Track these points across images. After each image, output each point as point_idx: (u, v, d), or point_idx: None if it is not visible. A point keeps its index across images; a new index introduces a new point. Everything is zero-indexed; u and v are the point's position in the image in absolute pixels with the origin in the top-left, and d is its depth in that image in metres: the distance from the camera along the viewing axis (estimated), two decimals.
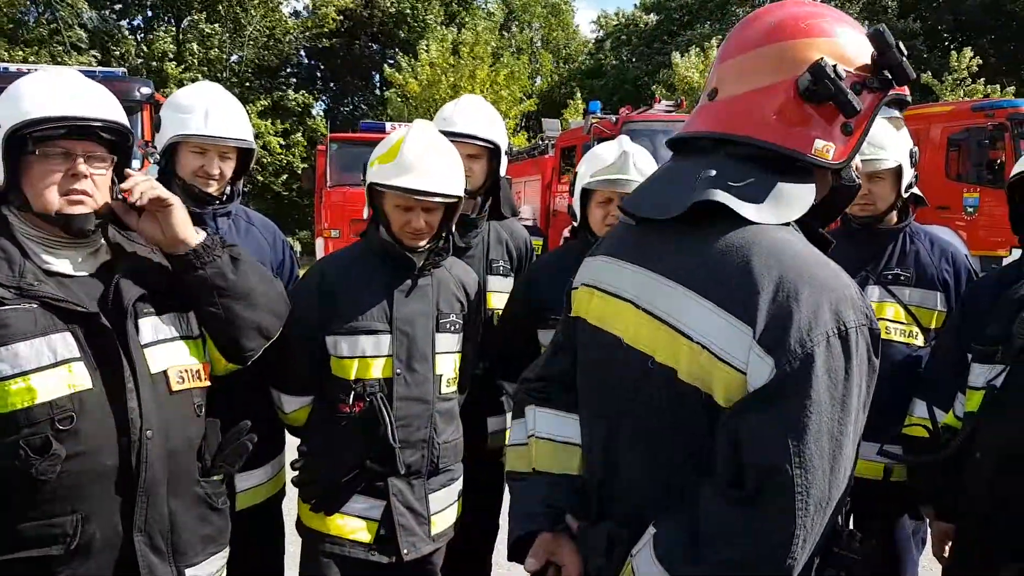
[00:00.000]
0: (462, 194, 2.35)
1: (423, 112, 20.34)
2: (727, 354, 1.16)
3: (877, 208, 2.67)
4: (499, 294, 2.92)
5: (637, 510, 1.32)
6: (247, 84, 28.38)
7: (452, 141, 2.45)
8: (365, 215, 2.45)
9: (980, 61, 21.21)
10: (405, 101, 22.76)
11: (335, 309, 2.29)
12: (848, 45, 1.28)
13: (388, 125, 13.50)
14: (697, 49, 23.25)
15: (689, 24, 32.52)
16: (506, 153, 2.98)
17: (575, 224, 2.75)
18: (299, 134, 29.01)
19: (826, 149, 1.26)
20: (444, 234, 2.39)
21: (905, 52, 1.27)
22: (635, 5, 36.87)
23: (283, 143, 27.98)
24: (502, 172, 2.98)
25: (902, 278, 2.65)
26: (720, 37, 24.88)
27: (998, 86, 20.39)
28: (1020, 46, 27.28)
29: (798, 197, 1.27)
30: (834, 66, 1.24)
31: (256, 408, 2.24)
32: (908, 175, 2.66)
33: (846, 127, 1.26)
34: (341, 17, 30.12)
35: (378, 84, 35.35)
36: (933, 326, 2.62)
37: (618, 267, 1.42)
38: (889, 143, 2.63)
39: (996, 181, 10.14)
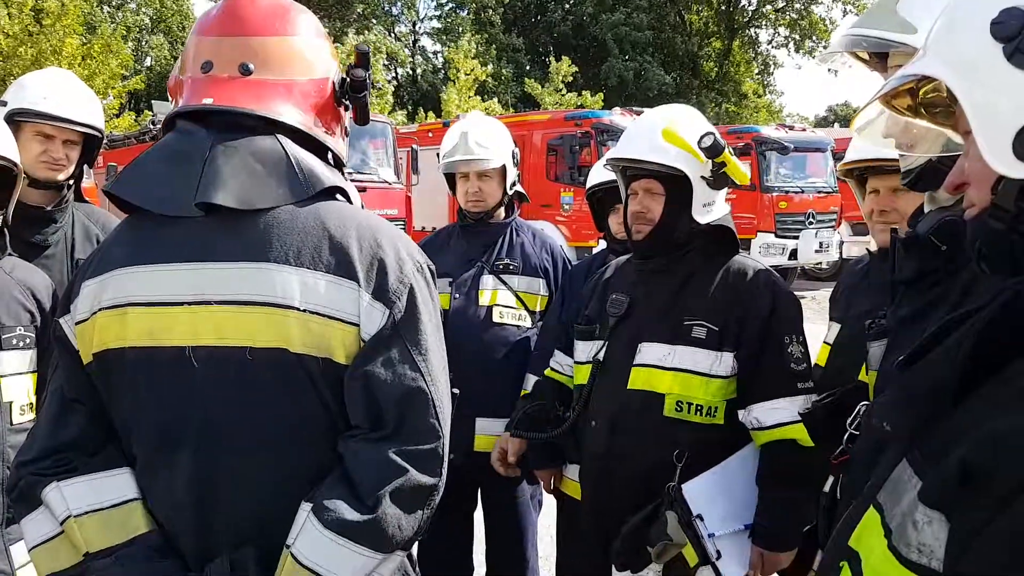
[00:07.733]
0: (17, 161, 2.01)
1: None
2: (340, 312, 1.23)
3: (487, 204, 2.91)
4: None
5: (260, 512, 1.26)
6: None
7: (52, 124, 2.35)
8: None
9: (576, 69, 24.39)
10: None
11: None
12: None
13: None
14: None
15: None
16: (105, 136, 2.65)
17: None
18: None
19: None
20: None
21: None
22: None
23: None
24: (99, 161, 2.64)
25: (511, 267, 2.90)
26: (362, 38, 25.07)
27: (588, 92, 23.72)
28: (601, 64, 32.03)
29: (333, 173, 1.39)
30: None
31: None
32: (512, 174, 2.93)
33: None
34: None
35: None
36: (538, 309, 2.92)
37: (158, 272, 1.26)
38: (493, 145, 2.86)
39: (586, 182, 11.74)
